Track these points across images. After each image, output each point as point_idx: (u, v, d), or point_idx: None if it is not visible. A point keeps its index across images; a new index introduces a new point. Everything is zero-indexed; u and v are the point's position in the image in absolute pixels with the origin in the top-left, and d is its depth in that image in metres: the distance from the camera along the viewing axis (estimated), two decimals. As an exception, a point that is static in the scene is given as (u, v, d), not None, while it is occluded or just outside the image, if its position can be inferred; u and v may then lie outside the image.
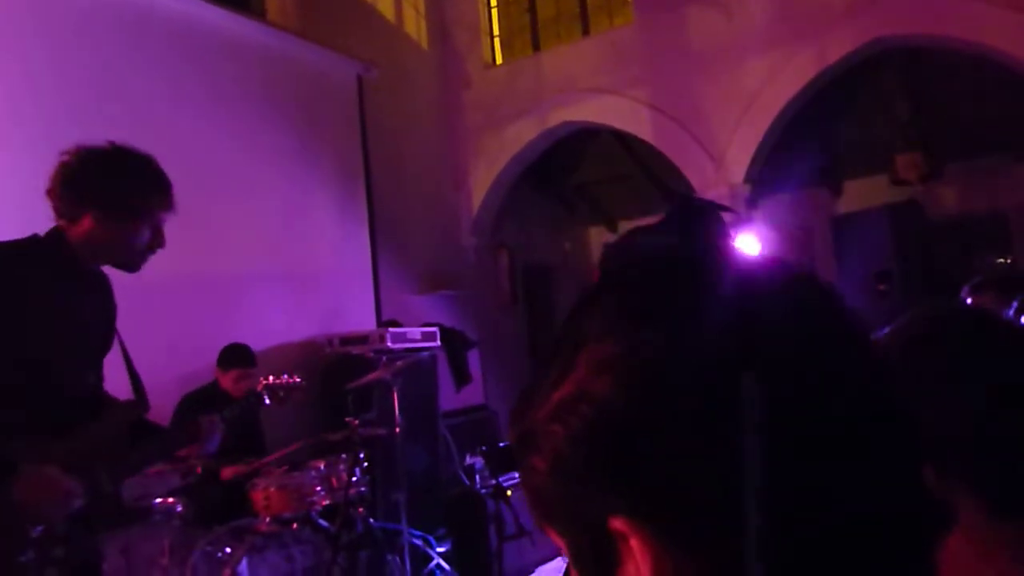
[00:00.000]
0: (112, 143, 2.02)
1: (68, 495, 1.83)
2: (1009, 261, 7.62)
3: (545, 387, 0.48)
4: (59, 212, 1.99)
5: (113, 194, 1.98)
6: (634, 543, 0.44)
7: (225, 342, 4.62)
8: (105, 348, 2.13)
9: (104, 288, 2.14)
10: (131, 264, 2.07)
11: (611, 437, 0.44)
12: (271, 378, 2.52)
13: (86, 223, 1.96)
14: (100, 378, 2.13)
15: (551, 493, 0.48)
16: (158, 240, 2.08)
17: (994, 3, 5.78)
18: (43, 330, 1.92)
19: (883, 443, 0.45)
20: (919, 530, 0.45)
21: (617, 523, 0.44)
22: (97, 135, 2.12)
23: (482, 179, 8.15)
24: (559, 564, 4.32)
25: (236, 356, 4.54)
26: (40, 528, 1.82)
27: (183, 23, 5.31)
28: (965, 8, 5.92)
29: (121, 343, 2.16)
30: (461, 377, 6.31)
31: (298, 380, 2.53)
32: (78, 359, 2.04)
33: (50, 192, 1.99)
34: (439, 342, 5.90)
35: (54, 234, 1.99)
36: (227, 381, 4.53)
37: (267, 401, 2.50)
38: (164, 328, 4.64)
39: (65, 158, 1.98)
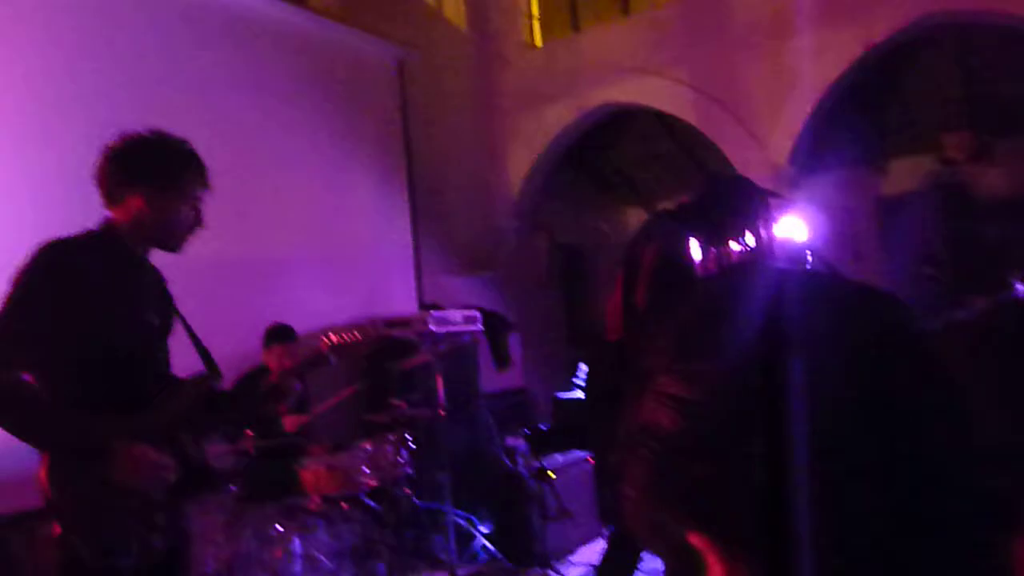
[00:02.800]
0: (151, 129, 2.10)
1: (162, 468, 1.93)
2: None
3: (626, 416, 0.52)
4: (108, 197, 2.08)
5: (160, 172, 2.08)
6: (710, 557, 0.48)
7: (267, 323, 4.74)
8: (168, 330, 2.22)
9: (157, 275, 2.24)
10: (175, 243, 2.16)
11: (674, 465, 0.48)
12: (333, 337, 2.59)
13: (134, 204, 2.05)
14: (168, 358, 2.23)
15: (640, 517, 0.52)
16: (198, 220, 2.17)
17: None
18: (114, 315, 2.01)
19: (947, 458, 0.48)
20: (980, 530, 0.48)
21: (695, 539, 0.48)
22: (147, 119, 2.20)
23: (521, 161, 8.15)
24: (601, 545, 4.37)
25: (277, 334, 4.65)
26: (139, 499, 1.92)
27: (230, 10, 5.38)
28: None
29: (185, 323, 2.24)
30: (502, 360, 6.37)
31: (358, 335, 2.60)
32: (148, 340, 2.13)
33: (98, 177, 2.07)
34: (480, 325, 5.95)
35: (106, 225, 2.08)
36: (271, 359, 4.64)
37: (332, 361, 2.57)
38: (209, 310, 4.71)
39: (110, 144, 2.07)
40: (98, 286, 1.97)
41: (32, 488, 1.96)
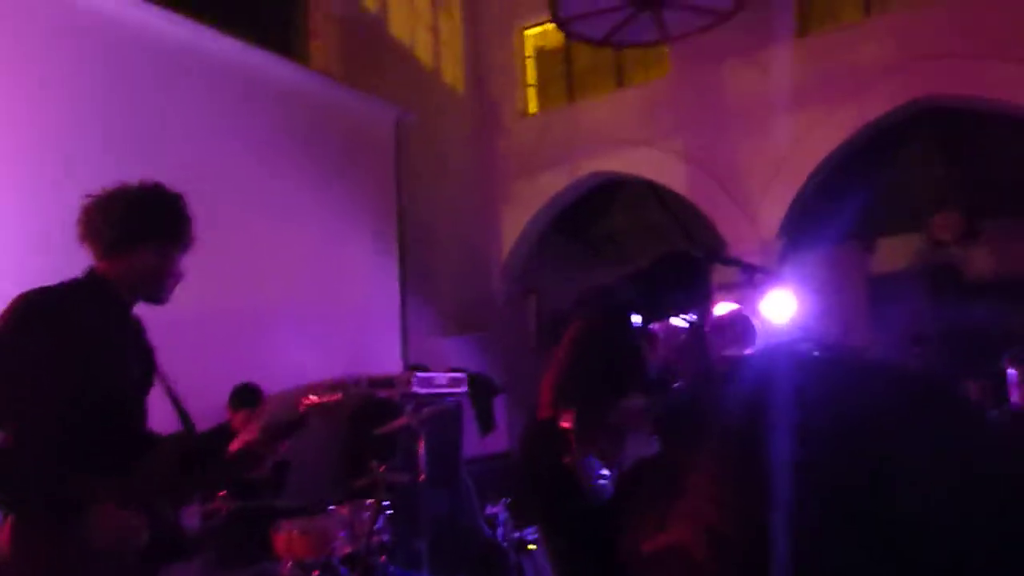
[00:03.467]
0: (140, 181, 2.07)
1: (136, 531, 1.85)
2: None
3: (649, 519, 0.48)
4: (111, 247, 2.02)
5: (175, 225, 2.08)
6: None
7: (252, 378, 4.65)
8: (148, 383, 2.16)
9: (140, 328, 2.18)
10: (164, 295, 2.12)
11: None
12: (313, 398, 2.52)
13: (143, 255, 2.02)
14: (145, 413, 2.16)
15: None
16: (176, 276, 2.13)
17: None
18: (106, 366, 1.95)
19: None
20: None
21: None
22: (138, 173, 2.18)
23: (513, 225, 8.20)
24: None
25: (244, 397, 4.55)
26: (110, 566, 1.84)
27: (229, 66, 5.46)
28: (1002, 69, 5.91)
29: (164, 378, 2.18)
30: (486, 424, 6.27)
31: (338, 396, 2.54)
32: (132, 394, 2.06)
33: (95, 231, 2.02)
34: (466, 388, 5.87)
35: (93, 275, 2.03)
36: (236, 422, 4.52)
37: (309, 423, 2.50)
38: (190, 364, 4.64)
39: (102, 198, 2.03)
40: (90, 338, 1.91)
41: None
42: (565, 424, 2.80)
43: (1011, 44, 5.85)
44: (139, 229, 2.02)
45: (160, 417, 2.20)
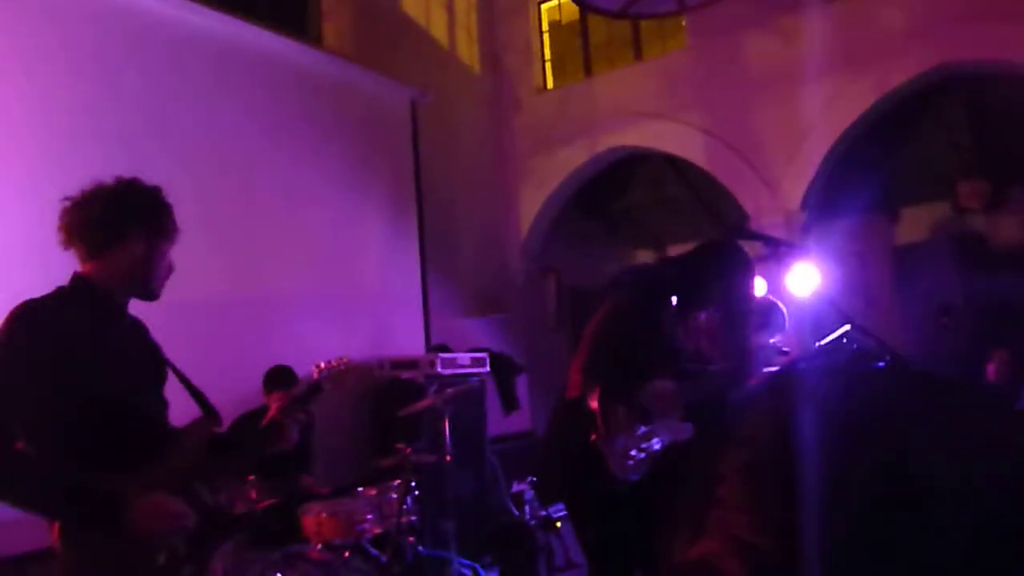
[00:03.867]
0: (116, 178, 2.04)
1: (181, 517, 1.88)
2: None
3: (683, 528, 0.45)
4: (98, 246, 1.99)
5: (160, 217, 2.04)
6: None
7: (275, 363, 4.67)
8: (160, 380, 2.16)
9: (138, 325, 2.17)
10: (156, 288, 2.09)
11: None
12: (323, 364, 2.54)
13: (132, 251, 1.99)
14: (164, 409, 2.16)
15: None
16: (162, 271, 2.10)
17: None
18: (105, 369, 1.94)
19: None
20: None
21: None
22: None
23: (531, 203, 8.15)
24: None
25: (278, 378, 4.59)
26: (164, 555, 1.86)
27: (241, 50, 5.43)
28: (1028, 33, 5.76)
29: (176, 370, 2.18)
30: (509, 403, 6.28)
31: (349, 361, 2.57)
32: (142, 391, 2.06)
33: (76, 233, 1.99)
34: (488, 368, 5.87)
35: (80, 280, 2.00)
36: (273, 404, 4.56)
37: (326, 387, 2.52)
38: (214, 350, 4.69)
39: (79, 200, 2.00)
40: (85, 343, 1.90)
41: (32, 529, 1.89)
42: (593, 404, 2.78)
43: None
44: (121, 223, 1.99)
45: (185, 411, 2.21)
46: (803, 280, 5.51)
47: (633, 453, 2.80)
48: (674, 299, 3.08)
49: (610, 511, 2.91)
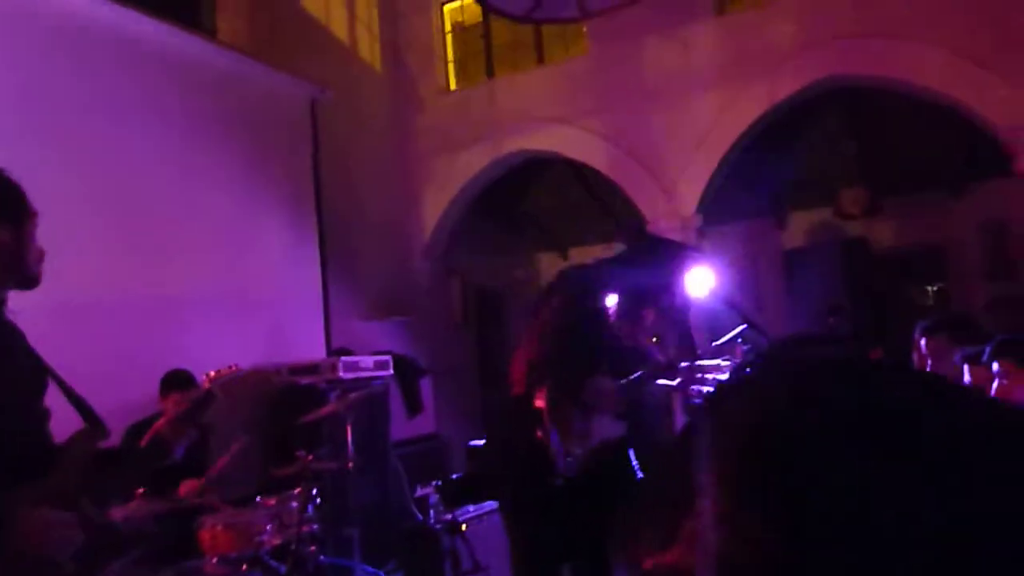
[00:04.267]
0: None
1: (67, 531, 1.75)
2: (937, 289, 7.90)
3: (653, 531, 0.44)
4: None
5: (15, 202, 1.91)
6: None
7: (168, 368, 4.47)
8: (40, 389, 2.02)
9: (16, 333, 2.03)
10: (36, 276, 1.96)
11: None
12: (213, 372, 2.43)
13: None
14: (45, 419, 2.02)
15: None
16: (34, 256, 1.95)
17: (933, 45, 6.02)
18: None
19: None
20: None
21: None
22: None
23: (434, 204, 8.10)
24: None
25: (173, 380, 4.41)
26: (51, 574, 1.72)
27: (129, 40, 5.15)
28: (906, 50, 6.15)
29: (57, 379, 2.05)
30: (413, 406, 6.21)
31: (241, 368, 2.46)
32: (18, 401, 1.92)
33: None
34: (392, 371, 5.79)
35: None
36: (169, 407, 4.39)
37: (217, 396, 2.41)
38: (105, 356, 4.46)
39: None
40: None
41: None
42: (539, 401, 2.82)
43: (912, 24, 6.08)
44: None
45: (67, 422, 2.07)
46: (700, 282, 5.70)
47: (575, 450, 2.86)
48: (615, 297, 3.17)
49: (546, 508, 2.96)
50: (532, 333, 3.05)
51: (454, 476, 5.90)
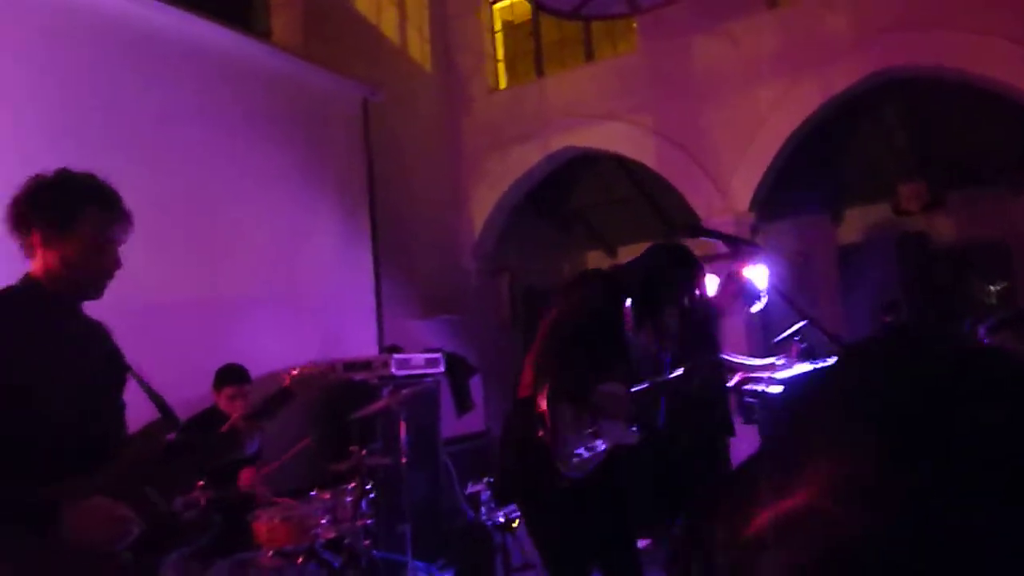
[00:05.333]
0: (57, 169, 1.97)
1: (124, 522, 1.76)
2: (1002, 288, 7.63)
3: (755, 496, 0.43)
4: (22, 247, 1.94)
5: (47, 209, 1.92)
6: None
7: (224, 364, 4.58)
8: (119, 382, 2.08)
9: (98, 328, 2.08)
10: (87, 289, 1.98)
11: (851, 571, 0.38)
12: (295, 371, 2.45)
13: (37, 250, 1.92)
14: (121, 415, 2.08)
15: None
16: (111, 259, 1.98)
17: (995, 35, 5.82)
18: (52, 371, 1.85)
19: None
20: None
21: None
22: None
23: (484, 202, 8.13)
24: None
25: (228, 374, 4.50)
26: (108, 566, 1.76)
27: (187, 44, 5.28)
28: (965, 40, 5.96)
29: (134, 373, 2.10)
30: (463, 404, 6.24)
31: (323, 367, 2.47)
32: (94, 393, 1.97)
33: (27, 218, 1.93)
34: (443, 368, 5.83)
35: (24, 279, 1.94)
36: (222, 401, 4.50)
37: (296, 395, 2.43)
38: (161, 353, 4.56)
39: (29, 186, 1.94)
40: (31, 342, 1.82)
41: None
42: (542, 403, 2.80)
43: (971, 13, 5.89)
44: (24, 221, 1.91)
45: (141, 416, 2.13)
46: (756, 279, 5.60)
47: (579, 452, 2.82)
48: (628, 301, 3.12)
49: (560, 509, 2.94)
50: (539, 337, 3.03)
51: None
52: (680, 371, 3.27)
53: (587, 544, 2.98)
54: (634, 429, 3.04)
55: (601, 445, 2.90)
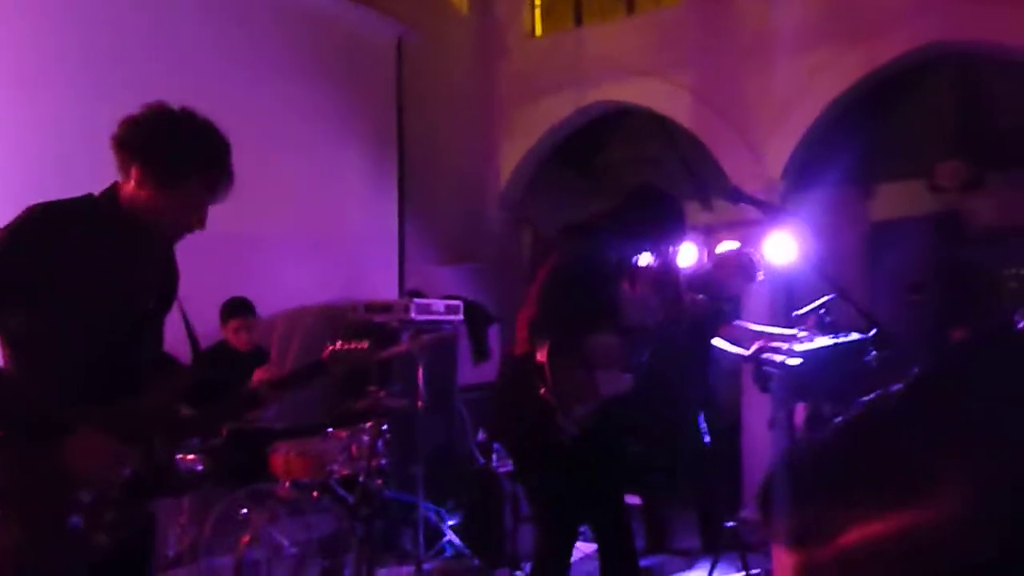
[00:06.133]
0: (185, 108, 1.95)
1: (118, 461, 1.81)
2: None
3: (863, 508, 0.42)
4: (118, 164, 1.94)
5: (157, 162, 1.91)
6: None
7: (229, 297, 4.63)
8: (163, 309, 2.10)
9: (163, 250, 2.10)
10: (164, 232, 2.02)
11: None
12: (339, 343, 2.43)
13: (132, 179, 1.91)
14: (159, 339, 2.11)
15: None
16: (197, 221, 2.00)
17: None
18: (95, 291, 1.87)
19: None
20: None
21: None
22: (132, 91, 2.08)
23: (513, 152, 8.04)
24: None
25: (234, 307, 4.56)
26: (91, 494, 1.79)
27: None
28: (1021, 15, 5.75)
29: (182, 309, 2.12)
30: (481, 352, 6.28)
31: (365, 344, 2.45)
32: (137, 321, 1.99)
33: (113, 141, 1.93)
34: (462, 316, 5.85)
35: (108, 192, 1.95)
36: (228, 333, 4.56)
37: (331, 373, 2.39)
38: (185, 285, 4.60)
39: (155, 121, 1.93)
40: (69, 258, 1.82)
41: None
42: (540, 358, 2.81)
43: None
44: (130, 151, 1.90)
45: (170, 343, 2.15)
46: (780, 248, 5.51)
47: (578, 407, 2.86)
48: (613, 251, 3.14)
49: (557, 465, 2.98)
50: (532, 292, 3.03)
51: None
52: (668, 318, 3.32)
53: (581, 499, 3.03)
54: (627, 377, 3.08)
55: (598, 397, 2.93)
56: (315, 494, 3.91)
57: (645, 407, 3.74)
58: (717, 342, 4.53)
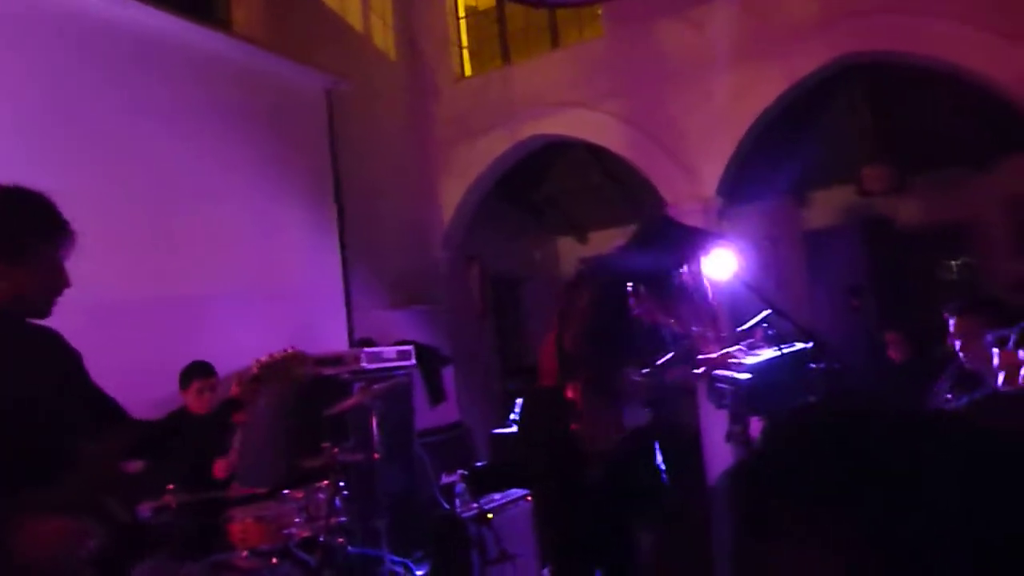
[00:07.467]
0: (5, 185, 1.90)
1: (80, 536, 1.73)
2: (962, 262, 7.78)
3: None
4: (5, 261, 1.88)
5: (54, 228, 1.89)
6: None
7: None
8: (69, 392, 2.02)
9: (49, 337, 2.03)
10: (36, 310, 1.94)
11: None
12: (264, 357, 2.39)
13: (32, 264, 1.87)
14: (80, 420, 2.03)
15: None
16: (61, 280, 1.93)
17: (956, 20, 5.89)
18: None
19: None
20: None
21: None
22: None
23: (453, 192, 8.08)
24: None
25: (194, 369, 4.46)
26: None
27: (147, 35, 5.16)
28: (929, 25, 6.03)
29: (88, 378, 2.06)
30: (436, 395, 6.23)
31: (289, 352, 2.41)
32: (45, 404, 1.92)
33: None
34: (414, 361, 5.81)
35: None
36: (190, 398, 4.44)
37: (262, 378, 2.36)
38: (127, 351, 4.49)
39: None
40: None
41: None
42: (571, 394, 2.86)
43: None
44: (19, 240, 1.85)
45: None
46: (721, 266, 5.63)
47: (606, 441, 2.91)
48: (636, 282, 3.18)
49: (580, 504, 3.00)
50: (567, 325, 3.05)
51: (479, 464, 5.93)
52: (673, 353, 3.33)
53: (600, 544, 3.03)
54: (645, 412, 3.13)
55: (624, 431, 2.98)
56: (274, 560, 3.81)
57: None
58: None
